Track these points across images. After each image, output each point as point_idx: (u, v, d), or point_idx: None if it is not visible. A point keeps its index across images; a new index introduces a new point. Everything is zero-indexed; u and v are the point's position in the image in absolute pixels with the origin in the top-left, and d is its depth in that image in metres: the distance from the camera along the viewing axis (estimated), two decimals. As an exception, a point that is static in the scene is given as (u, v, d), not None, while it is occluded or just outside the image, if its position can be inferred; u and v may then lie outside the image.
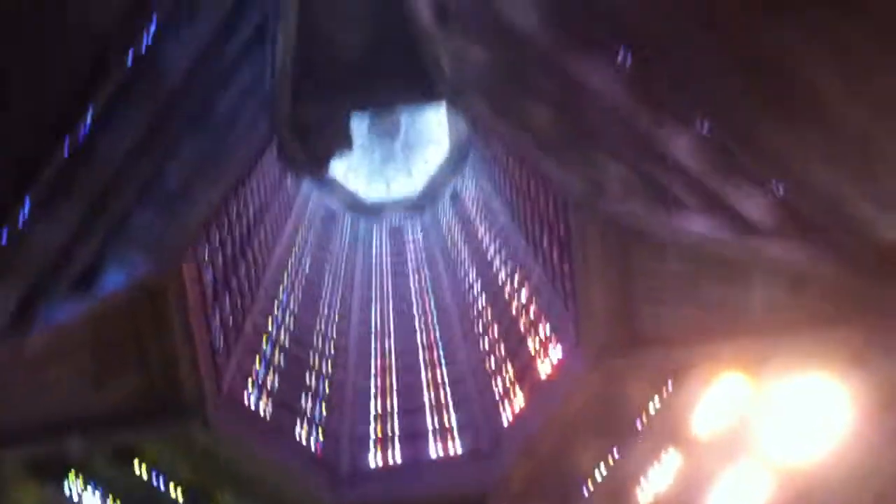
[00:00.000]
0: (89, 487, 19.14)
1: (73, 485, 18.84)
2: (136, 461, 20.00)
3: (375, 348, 33.50)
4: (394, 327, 35.59)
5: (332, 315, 35.37)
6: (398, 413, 27.52)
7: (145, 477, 20.03)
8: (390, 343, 33.79)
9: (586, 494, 20.89)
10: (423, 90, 17.51)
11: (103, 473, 19.50)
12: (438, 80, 17.25)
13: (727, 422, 19.14)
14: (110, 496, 19.44)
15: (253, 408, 23.26)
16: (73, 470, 18.97)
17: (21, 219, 15.69)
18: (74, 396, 18.53)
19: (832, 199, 13.63)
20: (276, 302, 30.75)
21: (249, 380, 23.89)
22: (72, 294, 17.80)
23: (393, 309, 38.15)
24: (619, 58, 14.88)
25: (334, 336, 33.05)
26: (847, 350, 16.58)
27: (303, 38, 17.54)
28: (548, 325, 25.34)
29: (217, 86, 18.47)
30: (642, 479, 20.09)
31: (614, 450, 20.65)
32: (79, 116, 14.57)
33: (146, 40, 15.79)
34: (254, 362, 25.05)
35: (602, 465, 20.81)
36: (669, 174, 17.10)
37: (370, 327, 35.83)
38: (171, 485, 20.35)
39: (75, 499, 18.81)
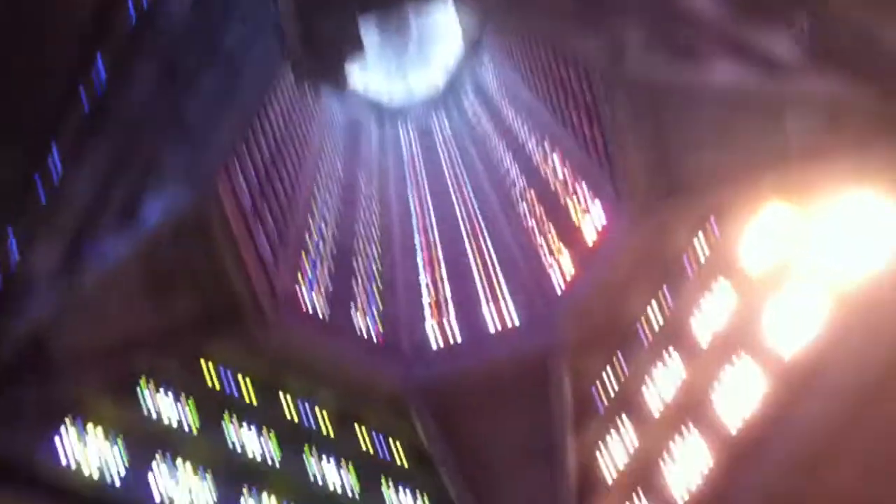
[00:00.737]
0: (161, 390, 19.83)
1: (147, 391, 19.47)
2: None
3: (420, 238, 33.91)
4: (435, 217, 35.85)
5: (372, 214, 35.69)
6: (452, 295, 28.01)
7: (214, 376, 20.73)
8: (433, 231, 34.16)
9: (644, 338, 21.47)
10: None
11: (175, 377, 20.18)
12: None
13: (776, 250, 19.27)
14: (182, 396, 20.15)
15: (310, 309, 23.71)
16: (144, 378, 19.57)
17: (53, 171, 16.15)
18: (134, 320, 18.96)
19: (856, 28, 13.52)
20: (315, 207, 31.07)
21: (302, 284, 24.30)
22: (116, 230, 18.18)
23: (432, 200, 38.37)
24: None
25: (378, 232, 33.43)
26: (891, 169, 16.53)
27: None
28: (585, 188, 25.45)
29: (223, 18, 18.55)
30: (696, 314, 20.40)
31: (666, 293, 20.99)
32: (89, 67, 14.82)
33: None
34: (303, 266, 25.45)
35: (656, 308, 21.25)
36: (690, 28, 16.96)
37: (411, 219, 36.20)
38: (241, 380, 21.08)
39: (150, 402, 19.46)
